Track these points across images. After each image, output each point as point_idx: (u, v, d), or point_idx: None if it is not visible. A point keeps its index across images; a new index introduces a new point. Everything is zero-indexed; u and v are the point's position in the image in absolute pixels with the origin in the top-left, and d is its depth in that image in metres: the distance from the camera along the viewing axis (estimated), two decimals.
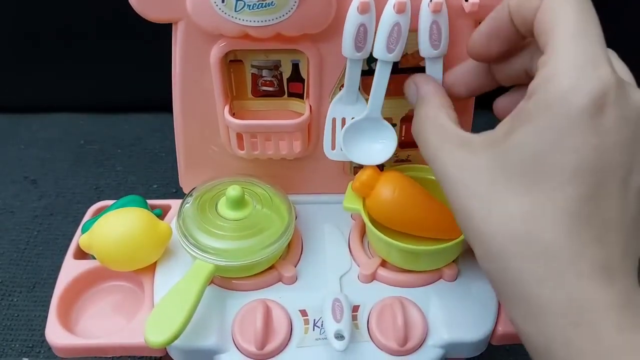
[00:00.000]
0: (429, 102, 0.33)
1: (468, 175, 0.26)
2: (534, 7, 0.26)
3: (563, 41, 0.24)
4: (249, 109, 0.40)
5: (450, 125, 0.30)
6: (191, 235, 0.37)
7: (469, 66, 0.35)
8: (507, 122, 0.26)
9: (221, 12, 0.33)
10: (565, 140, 0.23)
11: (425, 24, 0.34)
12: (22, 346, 0.47)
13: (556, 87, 0.23)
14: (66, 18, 0.64)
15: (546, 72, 0.24)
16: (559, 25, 0.25)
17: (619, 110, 0.23)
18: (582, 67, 0.23)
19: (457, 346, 0.36)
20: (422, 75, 0.36)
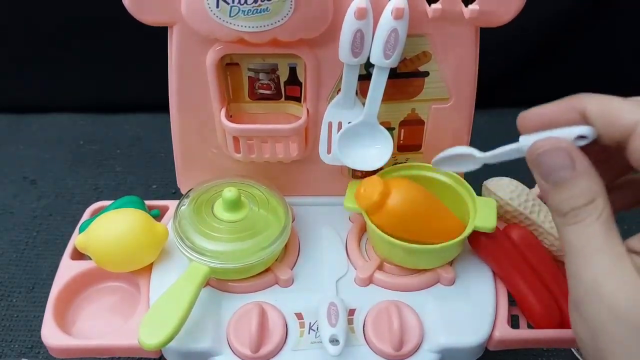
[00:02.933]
0: (597, 209, 0.26)
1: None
2: (626, 129, 0.26)
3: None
4: (246, 111, 0.40)
5: (626, 260, 0.25)
6: (187, 238, 0.37)
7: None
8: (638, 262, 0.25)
9: (216, 17, 0.33)
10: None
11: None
12: (21, 347, 0.47)
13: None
14: (66, 18, 0.65)
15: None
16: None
17: None
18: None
19: (453, 351, 0.36)
20: (569, 144, 0.27)
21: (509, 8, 0.35)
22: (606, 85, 0.75)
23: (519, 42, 0.67)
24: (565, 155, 0.27)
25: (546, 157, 0.27)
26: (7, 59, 0.68)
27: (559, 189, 0.27)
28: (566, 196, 0.26)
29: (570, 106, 0.28)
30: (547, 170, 0.27)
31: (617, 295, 0.24)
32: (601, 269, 0.25)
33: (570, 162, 0.27)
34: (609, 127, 0.27)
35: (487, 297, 0.38)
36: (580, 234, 0.26)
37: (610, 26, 0.67)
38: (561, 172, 0.27)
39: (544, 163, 0.27)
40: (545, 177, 0.27)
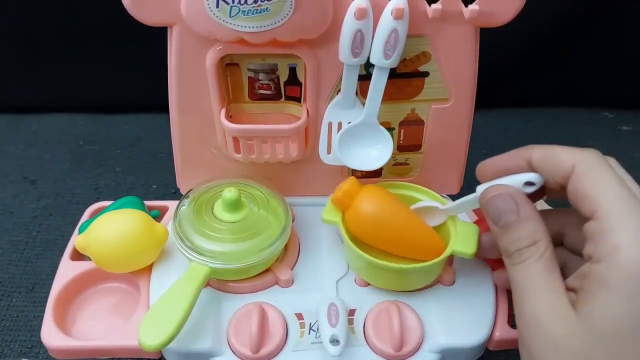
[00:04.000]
0: (539, 250, 0.28)
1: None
2: (565, 172, 0.28)
3: (616, 210, 0.26)
4: (246, 112, 0.40)
5: (563, 296, 0.27)
6: (187, 238, 0.37)
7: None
8: (577, 289, 0.27)
9: (216, 18, 0.33)
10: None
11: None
12: (22, 347, 0.47)
13: (629, 256, 0.25)
14: (66, 18, 0.64)
15: (612, 240, 0.26)
16: (605, 193, 0.27)
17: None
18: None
19: (453, 351, 0.36)
20: (515, 190, 0.30)
21: (509, 8, 0.35)
22: (606, 85, 0.76)
23: (519, 42, 0.67)
24: (511, 201, 0.30)
25: (494, 202, 0.30)
26: (7, 59, 0.68)
27: (506, 232, 0.30)
28: (512, 238, 0.29)
29: (519, 156, 0.31)
30: (495, 214, 0.30)
31: (555, 327, 0.26)
32: (541, 304, 0.27)
33: (515, 207, 0.30)
34: (551, 172, 0.29)
35: (487, 297, 0.38)
36: (523, 272, 0.28)
37: (610, 26, 0.67)
38: (507, 216, 0.30)
39: (493, 207, 0.30)
40: (494, 220, 0.30)
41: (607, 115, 0.74)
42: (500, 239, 0.30)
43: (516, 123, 0.72)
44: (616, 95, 0.73)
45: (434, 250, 0.36)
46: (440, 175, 0.44)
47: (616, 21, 0.66)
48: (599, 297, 0.26)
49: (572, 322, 0.26)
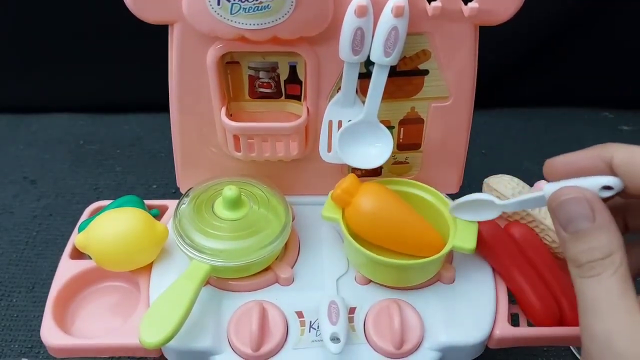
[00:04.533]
0: (614, 264, 0.26)
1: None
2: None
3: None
4: (246, 110, 0.40)
5: (638, 318, 0.25)
6: (187, 236, 0.37)
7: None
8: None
9: (217, 15, 0.33)
10: None
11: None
12: (22, 346, 0.47)
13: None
14: (66, 18, 0.65)
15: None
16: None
17: None
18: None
19: (454, 349, 0.36)
20: (592, 194, 0.27)
21: (508, 6, 0.35)
22: (606, 85, 0.76)
23: (519, 42, 0.67)
24: (586, 206, 0.27)
25: (567, 206, 0.27)
26: (7, 59, 0.68)
27: (577, 240, 0.27)
28: (584, 248, 0.26)
29: (597, 155, 0.28)
30: (566, 219, 0.27)
31: (629, 352, 0.24)
32: (614, 325, 0.25)
33: (591, 213, 0.26)
34: (635, 178, 0.26)
35: (488, 295, 0.38)
36: (595, 288, 0.26)
37: (610, 26, 0.67)
38: (580, 222, 0.27)
39: (564, 211, 0.27)
40: (564, 226, 0.27)
41: (607, 115, 0.74)
42: (568, 246, 0.27)
43: (516, 123, 0.72)
44: (616, 95, 0.73)
45: (434, 246, 0.36)
46: (439, 174, 0.44)
47: (616, 21, 0.67)
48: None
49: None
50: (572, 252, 0.27)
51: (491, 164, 0.62)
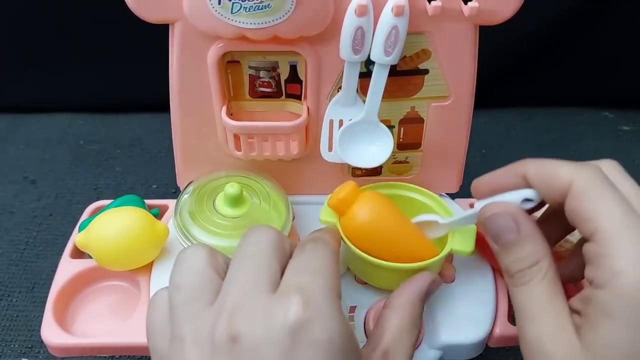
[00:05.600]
0: (541, 270, 0.28)
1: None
2: (562, 190, 0.27)
3: (616, 233, 0.25)
4: (246, 109, 0.41)
5: (567, 321, 0.26)
6: (188, 232, 0.37)
7: None
8: (581, 313, 0.26)
9: (217, 14, 0.33)
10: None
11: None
12: (21, 347, 0.47)
13: (630, 282, 0.24)
14: (66, 18, 0.65)
15: (613, 265, 0.25)
16: (604, 214, 0.26)
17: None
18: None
19: (454, 348, 0.36)
20: (515, 208, 0.30)
21: (508, 6, 0.35)
22: (606, 85, 0.76)
23: (519, 41, 0.67)
24: (510, 219, 0.29)
25: (493, 221, 0.30)
26: (7, 59, 0.68)
27: (506, 251, 0.29)
28: (513, 258, 0.28)
29: (514, 172, 0.30)
30: (495, 233, 0.29)
31: (559, 355, 0.25)
32: (543, 329, 0.26)
33: (515, 225, 0.29)
34: (548, 189, 0.28)
35: (488, 293, 0.38)
36: (526, 295, 0.28)
37: (610, 26, 0.67)
38: (507, 235, 0.29)
39: (492, 226, 0.30)
40: (494, 240, 0.29)
41: (607, 115, 0.74)
42: (501, 258, 0.29)
43: (516, 123, 0.72)
44: (616, 95, 0.73)
45: (426, 259, 0.35)
46: (439, 174, 0.44)
47: (616, 21, 0.67)
48: (602, 326, 0.25)
49: (577, 350, 0.25)
50: (504, 263, 0.29)
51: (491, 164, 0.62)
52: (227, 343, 0.24)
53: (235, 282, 0.27)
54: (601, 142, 0.69)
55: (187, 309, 0.26)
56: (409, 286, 0.33)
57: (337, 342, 0.24)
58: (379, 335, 0.30)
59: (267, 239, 0.29)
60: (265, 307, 0.25)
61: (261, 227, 0.30)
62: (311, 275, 0.27)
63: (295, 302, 0.25)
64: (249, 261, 0.28)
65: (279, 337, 0.24)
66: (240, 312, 0.25)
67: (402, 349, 0.30)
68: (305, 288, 0.26)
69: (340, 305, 0.26)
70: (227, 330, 0.24)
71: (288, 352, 0.24)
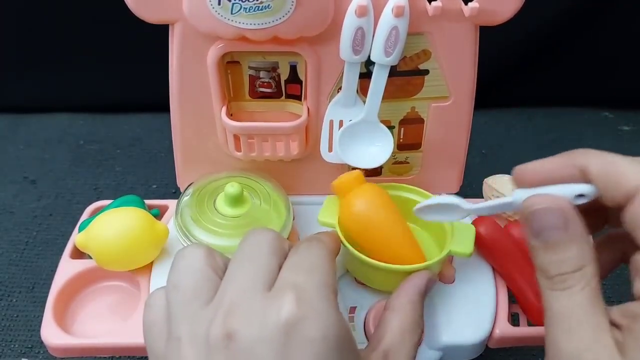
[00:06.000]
0: (585, 277, 0.25)
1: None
2: (627, 193, 0.25)
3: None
4: (246, 110, 0.41)
5: (608, 336, 0.24)
6: (189, 232, 0.37)
7: None
8: (623, 329, 0.24)
9: (217, 15, 0.33)
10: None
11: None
12: (21, 347, 0.47)
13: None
14: (66, 18, 0.65)
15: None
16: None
17: None
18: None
19: (454, 349, 0.36)
20: (567, 204, 0.26)
21: (508, 6, 0.35)
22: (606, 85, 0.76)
23: (519, 42, 0.67)
24: (560, 215, 0.26)
25: (540, 215, 0.26)
26: (7, 59, 0.68)
27: (549, 250, 0.26)
28: (555, 259, 0.26)
29: (571, 162, 0.27)
30: (538, 227, 0.26)
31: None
32: (583, 342, 0.24)
33: (564, 223, 0.26)
34: (612, 188, 0.25)
35: (488, 294, 0.38)
36: (565, 302, 0.25)
37: (610, 26, 0.67)
38: (553, 232, 0.26)
39: (537, 220, 0.26)
40: (535, 235, 0.26)
41: (607, 115, 0.74)
42: (538, 255, 0.26)
43: (516, 123, 0.72)
44: (616, 95, 0.73)
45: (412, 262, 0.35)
46: (440, 174, 0.44)
47: (616, 21, 0.67)
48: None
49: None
50: (542, 262, 0.26)
51: (491, 164, 0.62)
52: (223, 341, 0.24)
53: (233, 281, 0.27)
54: (601, 142, 0.69)
55: (185, 309, 0.26)
56: (408, 286, 0.33)
57: (332, 339, 0.24)
58: (380, 337, 0.30)
59: (266, 241, 0.29)
60: (260, 305, 0.25)
61: (261, 229, 0.30)
62: (305, 273, 0.27)
63: (288, 300, 0.24)
64: (247, 262, 0.28)
65: (273, 335, 0.24)
66: (236, 310, 0.25)
67: (403, 350, 0.30)
68: (299, 286, 0.26)
69: (336, 302, 0.26)
70: (222, 328, 0.24)
71: (282, 350, 0.24)
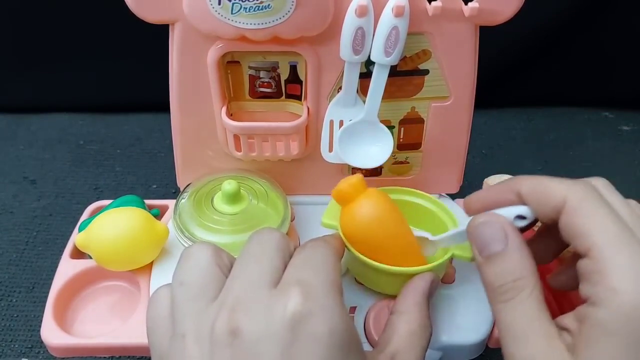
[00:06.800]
0: (527, 287, 0.26)
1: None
2: (556, 207, 0.26)
3: (612, 249, 0.24)
4: (246, 110, 0.41)
5: (557, 342, 0.25)
6: (187, 230, 0.37)
7: None
8: (573, 332, 0.25)
9: (217, 15, 0.33)
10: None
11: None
12: (22, 346, 0.47)
13: (629, 301, 0.23)
14: (66, 18, 0.65)
15: (610, 283, 0.24)
16: (599, 231, 0.25)
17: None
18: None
19: (454, 348, 0.36)
20: (506, 220, 0.28)
21: (508, 6, 0.35)
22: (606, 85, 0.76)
23: (519, 41, 0.67)
24: (499, 229, 0.28)
25: (481, 229, 0.28)
26: (7, 59, 0.68)
27: (490, 262, 0.27)
28: (497, 270, 0.27)
29: (508, 189, 0.29)
30: (482, 242, 0.28)
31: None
32: (535, 350, 0.25)
33: (504, 236, 0.27)
34: (542, 204, 0.27)
35: None
36: (510, 312, 0.26)
37: (610, 26, 0.67)
38: (494, 245, 0.27)
39: (479, 235, 0.28)
40: (480, 250, 0.28)
41: (607, 115, 0.74)
42: (483, 271, 0.28)
43: (516, 123, 0.72)
44: (616, 95, 0.73)
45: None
46: (440, 174, 0.44)
47: (616, 21, 0.67)
48: (600, 344, 0.24)
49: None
50: (487, 275, 0.27)
51: (491, 164, 0.62)
52: (228, 337, 0.24)
53: (238, 279, 0.27)
54: (601, 142, 0.69)
55: (190, 305, 0.26)
56: (413, 288, 0.33)
57: (338, 335, 0.24)
58: (387, 340, 0.30)
59: (272, 240, 0.29)
60: (265, 301, 0.25)
61: (266, 229, 0.30)
62: (311, 270, 0.27)
63: (294, 295, 0.24)
64: (252, 260, 0.28)
65: (278, 331, 0.24)
66: (241, 306, 0.25)
67: (411, 353, 0.30)
68: (305, 282, 0.26)
69: (342, 300, 0.26)
70: (227, 324, 0.24)
71: (288, 346, 0.23)
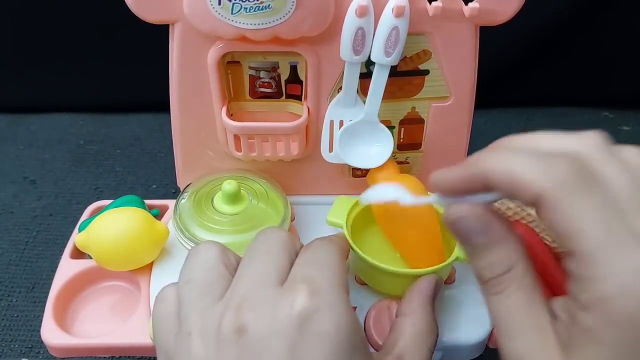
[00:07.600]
0: (516, 277, 0.25)
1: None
2: (531, 201, 0.24)
3: (600, 252, 0.22)
4: (246, 110, 0.41)
5: (550, 336, 0.24)
6: (187, 230, 0.37)
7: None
8: (562, 333, 0.24)
9: (218, 15, 0.33)
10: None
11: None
12: (22, 347, 0.47)
13: (618, 308, 0.22)
14: (66, 18, 0.65)
15: (600, 290, 0.22)
16: (585, 230, 0.22)
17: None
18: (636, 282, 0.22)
19: (454, 348, 0.36)
20: (482, 209, 0.26)
21: (508, 6, 0.35)
22: (606, 85, 0.75)
23: (519, 41, 0.67)
24: (477, 221, 0.26)
25: (461, 223, 0.26)
26: (7, 59, 0.68)
27: (477, 255, 0.26)
28: (485, 263, 0.26)
29: (476, 179, 0.26)
30: (464, 235, 0.26)
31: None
32: (526, 345, 0.24)
33: (483, 227, 0.26)
34: (517, 197, 0.24)
35: None
36: (501, 305, 0.25)
37: (610, 26, 0.67)
38: (476, 237, 0.26)
39: (460, 228, 0.26)
40: (464, 241, 0.27)
41: (607, 115, 0.74)
42: (473, 262, 0.26)
43: (516, 123, 0.72)
44: (616, 95, 0.73)
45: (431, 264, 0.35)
46: None
47: (616, 21, 0.67)
48: (589, 350, 0.23)
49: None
50: (476, 268, 0.26)
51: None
52: (234, 335, 0.24)
53: (245, 277, 0.27)
54: None
55: (196, 304, 0.26)
56: (417, 290, 0.33)
57: (344, 333, 0.24)
58: (393, 342, 0.30)
59: (278, 239, 0.29)
60: (272, 299, 0.25)
61: (272, 229, 0.30)
62: (318, 268, 0.27)
63: (301, 293, 0.24)
64: (258, 258, 0.28)
65: (285, 329, 0.24)
66: (248, 304, 0.25)
67: (418, 355, 0.29)
68: (312, 280, 0.26)
69: (348, 298, 0.26)
70: (234, 322, 0.24)
71: (294, 343, 0.23)
